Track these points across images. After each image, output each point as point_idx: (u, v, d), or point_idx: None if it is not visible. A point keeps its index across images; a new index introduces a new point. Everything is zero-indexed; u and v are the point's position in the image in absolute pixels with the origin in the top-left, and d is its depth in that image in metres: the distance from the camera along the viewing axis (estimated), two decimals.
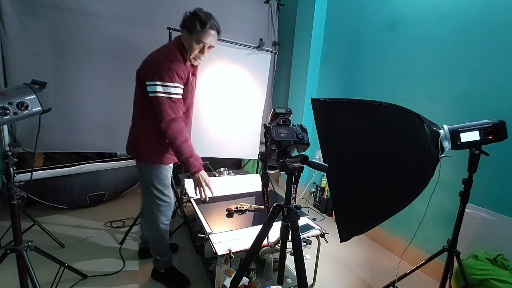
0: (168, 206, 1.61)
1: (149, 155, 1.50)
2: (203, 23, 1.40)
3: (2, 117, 1.01)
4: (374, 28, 2.40)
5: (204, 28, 1.40)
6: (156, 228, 1.60)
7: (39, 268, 1.42)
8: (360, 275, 1.93)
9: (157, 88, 1.35)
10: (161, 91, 1.36)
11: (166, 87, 1.36)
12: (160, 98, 1.36)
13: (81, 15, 2.17)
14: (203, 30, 1.40)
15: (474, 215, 1.62)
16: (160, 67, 1.37)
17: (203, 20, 1.40)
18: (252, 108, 2.66)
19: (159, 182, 1.54)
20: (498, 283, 1.28)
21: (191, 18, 1.41)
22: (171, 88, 1.37)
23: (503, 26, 1.56)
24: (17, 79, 2.02)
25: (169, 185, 1.61)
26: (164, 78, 1.35)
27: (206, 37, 1.43)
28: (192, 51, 1.45)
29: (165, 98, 1.36)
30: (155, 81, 1.35)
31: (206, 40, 1.43)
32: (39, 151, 2.30)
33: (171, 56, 1.40)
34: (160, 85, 1.35)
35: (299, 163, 0.93)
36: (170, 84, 1.36)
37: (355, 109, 1.31)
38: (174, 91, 1.38)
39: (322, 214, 2.85)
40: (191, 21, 1.41)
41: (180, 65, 1.41)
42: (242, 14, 2.90)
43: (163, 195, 1.57)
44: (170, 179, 1.64)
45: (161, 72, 1.36)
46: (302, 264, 1.08)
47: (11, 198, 1.20)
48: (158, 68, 1.37)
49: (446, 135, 1.29)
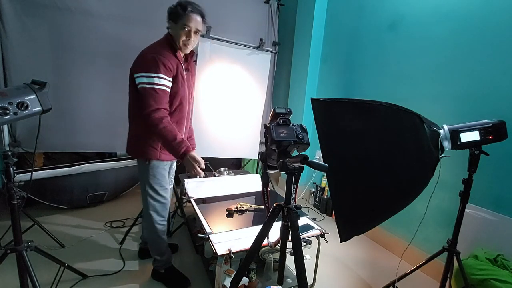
0: (163, 206, 1.61)
1: (142, 149, 1.50)
2: (184, 8, 1.43)
3: (2, 117, 1.01)
4: (374, 28, 2.40)
5: (185, 12, 1.43)
6: (153, 228, 1.60)
7: (39, 268, 1.42)
8: (360, 275, 1.93)
9: (142, 79, 1.37)
10: (146, 82, 1.37)
11: (150, 77, 1.37)
12: (144, 89, 1.37)
13: (81, 15, 2.17)
14: (185, 14, 1.43)
15: (474, 215, 1.62)
16: (146, 59, 1.40)
17: (183, 5, 1.44)
18: (252, 108, 2.67)
19: (155, 181, 1.54)
20: (498, 283, 1.28)
21: (173, 7, 1.46)
22: (155, 78, 1.37)
23: (503, 26, 1.56)
24: (17, 79, 2.02)
25: (165, 186, 1.60)
26: (149, 69, 1.37)
27: (189, 20, 1.45)
28: (180, 38, 1.47)
29: (149, 88, 1.37)
30: (140, 73, 1.38)
31: (190, 24, 1.45)
32: (39, 151, 2.30)
33: (157, 48, 1.44)
34: (145, 76, 1.37)
35: (299, 163, 0.93)
36: (154, 75, 1.37)
37: (355, 109, 1.31)
38: (158, 81, 1.38)
39: (322, 214, 2.85)
40: (173, 9, 1.45)
41: (167, 56, 1.42)
42: (242, 14, 2.90)
43: (157, 195, 1.57)
44: (168, 180, 1.63)
45: (146, 64, 1.39)
46: (302, 264, 1.08)
47: (11, 198, 1.20)
48: (143, 60, 1.41)
49: (446, 135, 1.29)
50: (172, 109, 1.50)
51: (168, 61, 1.41)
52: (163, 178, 1.58)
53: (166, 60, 1.40)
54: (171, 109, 1.49)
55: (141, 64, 1.41)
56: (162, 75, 1.39)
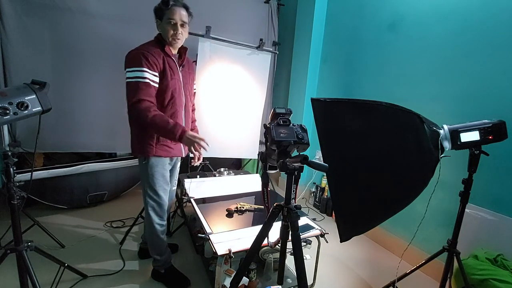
0: (161, 206, 1.60)
1: (138, 146, 1.52)
2: (166, 3, 1.45)
3: (2, 117, 1.01)
4: (374, 28, 2.40)
5: (168, 6, 1.45)
6: (151, 228, 1.61)
7: (39, 268, 1.42)
8: (360, 275, 1.93)
9: (127, 75, 1.40)
10: (129, 77, 1.40)
11: (133, 71, 1.39)
12: (128, 84, 1.40)
13: (81, 15, 2.17)
14: (168, 9, 1.45)
15: (474, 215, 1.62)
16: (130, 55, 1.43)
17: (165, 0, 1.45)
18: (252, 108, 2.66)
19: (153, 181, 1.54)
20: (498, 283, 1.28)
21: (157, 5, 1.48)
22: (137, 72, 1.39)
23: (503, 26, 1.55)
24: (17, 79, 2.02)
25: (164, 187, 1.59)
26: (131, 64, 1.40)
27: (173, 13, 1.46)
28: (167, 33, 1.48)
29: (133, 82, 1.39)
30: (126, 69, 1.42)
31: (175, 16, 1.46)
32: (39, 151, 2.30)
33: (143, 46, 1.47)
34: (129, 71, 1.40)
35: (299, 163, 0.93)
36: (137, 69, 1.39)
37: (355, 109, 1.31)
38: (141, 75, 1.39)
39: (322, 214, 2.85)
40: (157, 7, 1.48)
41: (151, 50, 1.44)
42: (242, 14, 2.90)
43: (155, 195, 1.57)
44: (168, 180, 1.62)
45: (129, 60, 1.42)
46: (302, 264, 1.08)
47: (11, 198, 1.20)
48: (128, 57, 1.44)
49: (446, 135, 1.29)
50: (165, 104, 1.51)
51: (152, 55, 1.43)
52: (163, 178, 1.57)
53: (149, 54, 1.42)
54: (163, 103, 1.50)
55: (126, 61, 1.44)
56: (145, 68, 1.40)
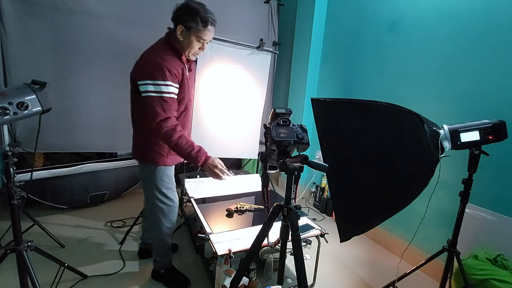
0: (172, 209, 1.59)
1: (149, 155, 1.47)
2: (205, 21, 1.34)
3: (2, 117, 1.01)
4: (374, 28, 2.40)
5: (206, 27, 1.36)
6: (159, 232, 1.59)
7: (39, 268, 1.42)
8: (360, 275, 1.93)
9: (148, 88, 1.30)
10: (152, 90, 1.30)
11: (157, 85, 1.30)
12: (151, 98, 1.30)
13: (82, 15, 2.17)
14: (205, 29, 1.36)
15: (474, 215, 1.62)
16: (150, 65, 1.31)
17: (203, 17, 1.34)
18: (252, 108, 2.66)
19: (162, 185, 1.52)
20: (498, 283, 1.28)
21: (189, 13, 1.34)
22: (162, 86, 1.30)
23: (503, 26, 1.55)
24: (17, 79, 2.02)
25: (173, 188, 1.59)
26: (155, 76, 1.29)
27: (207, 34, 1.39)
28: (192, 48, 1.40)
29: (157, 97, 1.30)
30: (145, 80, 1.30)
31: (207, 37, 1.40)
32: (39, 151, 2.30)
33: (161, 53, 1.35)
34: (151, 84, 1.29)
35: (299, 163, 0.93)
36: (162, 83, 1.30)
37: (355, 109, 1.31)
38: (166, 89, 1.32)
39: (322, 214, 2.85)
40: (189, 17, 1.33)
41: (172, 61, 1.35)
42: (242, 14, 2.90)
43: (166, 198, 1.54)
44: (174, 181, 1.61)
45: (151, 71, 1.30)
46: (302, 264, 1.08)
47: (11, 198, 1.20)
48: (148, 67, 1.31)
49: (446, 135, 1.29)
50: (178, 115, 1.46)
51: (174, 67, 1.34)
52: (170, 179, 1.56)
53: (171, 65, 1.32)
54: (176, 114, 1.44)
55: (145, 71, 1.31)
56: (169, 82, 1.32)
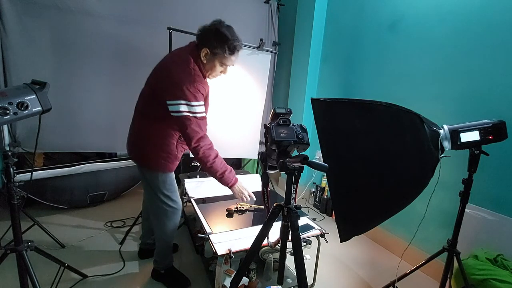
0: (176, 212, 1.58)
1: (156, 163, 1.46)
2: (233, 49, 1.36)
3: (2, 117, 1.01)
4: (374, 28, 2.40)
5: (232, 54, 1.38)
6: (163, 235, 1.59)
7: (39, 268, 1.42)
8: (360, 275, 1.93)
9: (182, 108, 1.30)
10: (187, 111, 1.31)
11: (191, 106, 1.32)
12: (187, 117, 1.32)
13: (81, 15, 2.17)
14: (232, 55, 1.38)
15: (474, 215, 1.62)
16: (184, 86, 1.30)
17: (232, 45, 1.36)
18: (252, 108, 2.66)
19: (166, 188, 1.51)
20: (498, 283, 1.28)
21: (217, 39, 1.34)
22: (196, 107, 1.33)
23: (503, 26, 1.55)
24: (17, 79, 2.02)
25: (176, 191, 1.59)
26: (190, 98, 1.31)
27: (232, 60, 1.41)
28: (214, 72, 1.43)
29: (192, 117, 1.33)
30: (179, 101, 1.30)
31: (231, 63, 1.42)
32: (39, 151, 2.30)
33: (193, 74, 1.34)
34: (185, 105, 1.31)
35: (299, 163, 0.93)
36: (196, 104, 1.33)
37: (355, 109, 1.31)
38: (200, 110, 1.35)
39: (322, 214, 2.85)
40: (218, 43, 1.34)
41: (203, 83, 1.38)
42: (242, 14, 2.91)
43: (171, 201, 1.54)
44: (176, 184, 1.61)
45: (185, 92, 1.30)
46: (302, 264, 1.08)
47: (11, 198, 1.20)
48: (181, 87, 1.30)
49: (446, 135, 1.29)
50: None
51: (203, 87, 1.37)
52: (173, 182, 1.57)
53: (202, 87, 1.36)
54: None
55: (178, 91, 1.30)
56: (201, 102, 1.36)
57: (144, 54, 2.41)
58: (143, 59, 2.42)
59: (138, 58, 2.41)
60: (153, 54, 2.46)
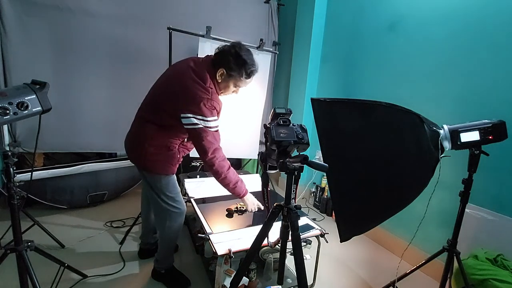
0: (181, 213, 1.58)
1: (159, 167, 1.46)
2: (250, 74, 1.40)
3: (2, 117, 1.01)
4: (374, 28, 2.40)
5: (248, 78, 1.41)
6: (167, 237, 1.59)
7: (39, 268, 1.41)
8: (360, 275, 1.93)
9: (196, 121, 1.33)
10: (202, 125, 1.34)
11: (206, 121, 1.35)
12: (203, 129, 1.35)
13: (82, 15, 2.17)
14: (248, 79, 1.42)
15: (474, 215, 1.62)
16: (201, 103, 1.32)
17: (249, 70, 1.39)
18: (252, 108, 2.67)
19: (169, 190, 1.52)
20: (498, 283, 1.28)
21: (236, 62, 1.37)
22: (211, 122, 1.37)
23: (503, 27, 1.55)
24: (17, 79, 2.02)
25: (179, 192, 1.59)
26: (206, 114, 1.34)
27: (246, 83, 1.44)
28: (227, 91, 1.46)
29: (207, 129, 1.36)
30: (196, 116, 1.32)
31: (245, 86, 1.45)
32: (39, 151, 2.30)
33: (211, 92, 1.36)
34: (201, 120, 1.34)
35: (299, 163, 0.93)
36: (211, 119, 1.36)
37: (355, 109, 1.31)
38: (214, 124, 1.38)
39: (322, 214, 2.85)
40: (236, 66, 1.37)
41: (218, 100, 1.41)
42: (242, 14, 2.91)
43: (175, 202, 1.54)
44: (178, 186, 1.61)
45: (202, 108, 1.32)
46: (302, 264, 1.08)
47: (11, 198, 1.20)
48: (199, 104, 1.32)
49: (446, 135, 1.29)
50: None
51: (218, 104, 1.41)
52: (175, 183, 1.57)
53: (217, 103, 1.40)
54: None
55: (196, 107, 1.32)
56: (216, 117, 1.40)
57: (144, 54, 2.42)
58: (143, 59, 2.43)
59: (138, 58, 2.42)
60: (153, 54, 2.48)
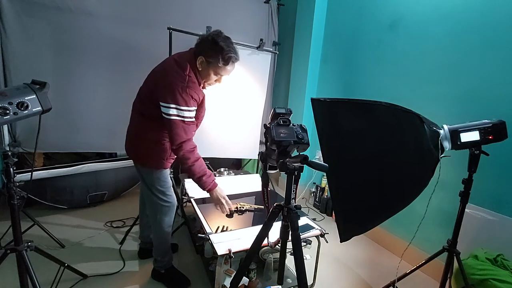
0: (171, 207, 1.61)
1: (151, 161, 1.51)
2: (227, 60, 1.39)
3: (2, 117, 1.01)
4: (374, 28, 2.40)
5: (226, 65, 1.40)
6: (159, 231, 1.61)
7: (39, 268, 1.42)
8: (360, 275, 1.93)
9: (171, 111, 1.34)
10: (175, 114, 1.35)
11: (180, 111, 1.35)
12: (174, 121, 1.35)
13: (81, 15, 2.17)
14: (226, 65, 1.41)
15: (474, 215, 1.62)
16: (176, 91, 1.33)
17: (226, 56, 1.38)
18: (252, 108, 2.66)
19: (160, 184, 1.55)
20: (498, 283, 1.28)
21: (213, 49, 1.37)
22: (185, 112, 1.36)
23: (503, 26, 1.55)
24: (17, 79, 2.02)
25: (170, 187, 1.62)
26: (180, 102, 1.34)
27: (226, 71, 1.43)
28: (209, 80, 1.46)
29: (179, 121, 1.36)
30: (169, 104, 1.33)
31: (225, 74, 1.44)
32: (39, 151, 2.30)
33: (188, 80, 1.37)
34: (175, 109, 1.34)
35: (299, 163, 0.93)
36: (185, 108, 1.36)
37: (355, 109, 1.31)
38: (188, 114, 1.38)
39: (322, 214, 2.85)
40: (213, 52, 1.37)
41: (196, 89, 1.40)
42: (242, 14, 2.90)
43: (165, 196, 1.57)
44: (170, 180, 1.64)
45: (176, 96, 1.33)
46: (302, 264, 1.08)
47: (11, 198, 1.20)
48: (173, 91, 1.33)
49: (446, 135, 1.29)
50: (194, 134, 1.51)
51: (196, 93, 1.40)
52: (167, 179, 1.59)
53: (195, 93, 1.39)
54: None
55: (170, 94, 1.33)
56: (192, 107, 1.39)
57: (144, 54, 2.41)
58: (143, 59, 2.42)
59: (138, 58, 2.41)
60: (153, 54, 2.47)
